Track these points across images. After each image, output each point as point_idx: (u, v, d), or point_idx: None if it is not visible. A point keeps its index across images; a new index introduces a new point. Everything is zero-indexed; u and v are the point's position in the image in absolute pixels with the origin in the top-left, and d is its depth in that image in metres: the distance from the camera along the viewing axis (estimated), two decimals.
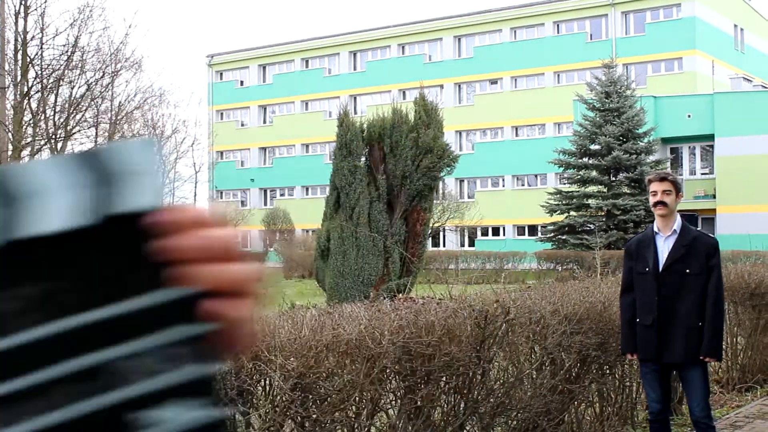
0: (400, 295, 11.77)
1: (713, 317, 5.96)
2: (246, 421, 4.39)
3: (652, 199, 6.17)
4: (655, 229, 6.20)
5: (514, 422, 6.19)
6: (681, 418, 8.20)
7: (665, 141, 44.41)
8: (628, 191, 38.25)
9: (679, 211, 6.22)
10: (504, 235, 54.60)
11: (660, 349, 6.01)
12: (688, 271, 5.98)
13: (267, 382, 4.47)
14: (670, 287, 6.00)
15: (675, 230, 6.10)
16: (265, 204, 65.68)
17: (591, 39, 54.17)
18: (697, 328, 5.93)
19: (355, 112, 54.75)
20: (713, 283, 5.99)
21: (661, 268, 6.03)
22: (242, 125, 69.13)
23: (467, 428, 5.84)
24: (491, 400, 5.87)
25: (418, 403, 5.26)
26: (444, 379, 5.49)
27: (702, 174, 44.91)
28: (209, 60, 70.86)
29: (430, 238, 33.67)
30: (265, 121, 68.34)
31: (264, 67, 68.66)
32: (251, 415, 4.40)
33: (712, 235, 6.35)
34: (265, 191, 67.15)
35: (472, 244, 55.00)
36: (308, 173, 62.49)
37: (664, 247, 6.08)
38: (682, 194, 6.29)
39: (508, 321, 5.82)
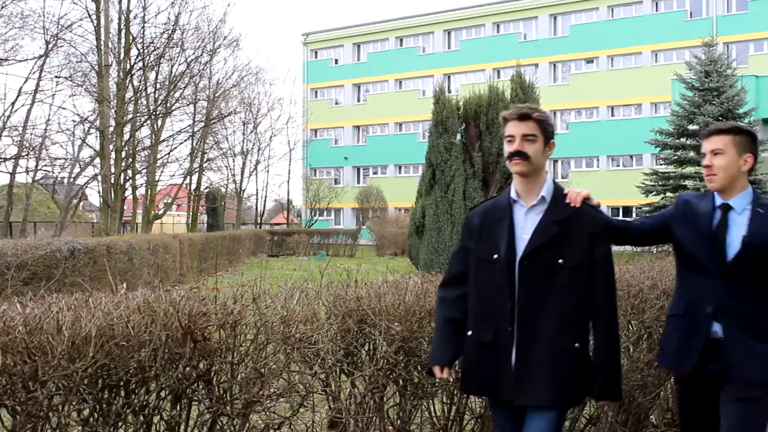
0: None
1: (612, 343, 4.02)
2: (351, 382, 4.55)
3: (507, 148, 4.14)
4: (513, 195, 4.14)
5: None
6: None
7: (767, 122, 43.28)
8: None
9: None
10: None
11: (515, 382, 3.93)
12: (561, 261, 3.96)
13: (372, 345, 4.62)
14: (532, 286, 3.97)
15: (543, 197, 4.07)
16: (359, 182, 66.18)
17: (691, 17, 53.05)
18: (570, 353, 3.93)
19: (449, 91, 54.69)
20: (603, 288, 4.02)
21: (519, 256, 3.99)
22: (336, 103, 69.65)
23: None
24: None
25: None
26: None
27: None
28: (304, 38, 71.50)
29: None
30: (359, 100, 68.74)
31: (358, 46, 69.00)
32: (356, 377, 4.56)
33: (599, 209, 4.20)
34: (359, 169, 67.62)
35: None
36: (401, 151, 62.74)
37: (526, 224, 4.05)
38: (553, 143, 4.18)
39: None
